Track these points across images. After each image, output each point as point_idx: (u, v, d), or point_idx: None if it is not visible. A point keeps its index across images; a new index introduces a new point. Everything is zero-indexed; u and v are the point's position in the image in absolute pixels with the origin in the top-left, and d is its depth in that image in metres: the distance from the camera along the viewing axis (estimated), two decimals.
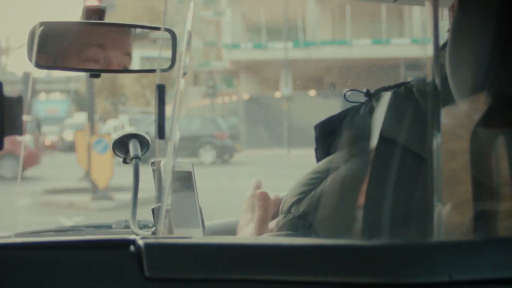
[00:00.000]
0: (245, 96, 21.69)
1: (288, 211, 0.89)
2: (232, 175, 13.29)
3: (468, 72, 0.73)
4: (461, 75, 0.74)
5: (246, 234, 1.05)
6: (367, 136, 0.84)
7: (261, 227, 1.01)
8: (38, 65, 1.28)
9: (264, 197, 1.02)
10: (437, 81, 0.64)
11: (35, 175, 13.08)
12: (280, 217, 0.90)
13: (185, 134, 15.49)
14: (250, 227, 1.05)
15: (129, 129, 1.44)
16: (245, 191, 1.13)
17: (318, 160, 0.96)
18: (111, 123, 22.62)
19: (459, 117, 0.75)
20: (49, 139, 22.48)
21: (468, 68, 0.73)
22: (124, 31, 1.36)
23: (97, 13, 1.31)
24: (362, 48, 21.08)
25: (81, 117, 25.22)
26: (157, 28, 1.39)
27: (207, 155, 16.60)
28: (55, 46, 1.30)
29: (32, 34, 1.25)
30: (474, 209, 0.74)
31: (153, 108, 0.72)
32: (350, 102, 0.95)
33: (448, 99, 0.74)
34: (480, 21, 0.73)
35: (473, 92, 0.72)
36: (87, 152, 9.48)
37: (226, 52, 24.09)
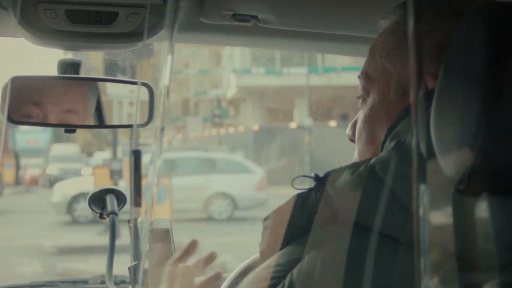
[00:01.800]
0: (255, 127, 21.71)
1: None
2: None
3: (453, 137, 0.78)
4: (445, 140, 0.79)
5: None
6: (325, 222, 0.91)
7: None
8: (10, 119, 1.44)
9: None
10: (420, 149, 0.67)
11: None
12: None
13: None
14: None
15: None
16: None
17: (264, 255, 0.99)
18: (99, 156, 22.58)
19: (441, 183, 0.80)
20: (29, 173, 22.06)
21: (453, 133, 0.78)
22: (73, 86, 1.51)
23: (72, 66, 1.47)
24: None
25: (66, 149, 25.30)
26: (134, 83, 1.55)
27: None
28: (24, 101, 1.46)
29: (4, 88, 1.42)
30: (460, 281, 0.81)
31: (146, 139, 0.80)
32: (297, 189, 0.98)
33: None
34: (465, 88, 0.78)
35: (459, 158, 0.77)
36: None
37: (235, 78, 24.32)
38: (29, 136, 25.74)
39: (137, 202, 0.76)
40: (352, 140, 1.10)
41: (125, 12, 1.25)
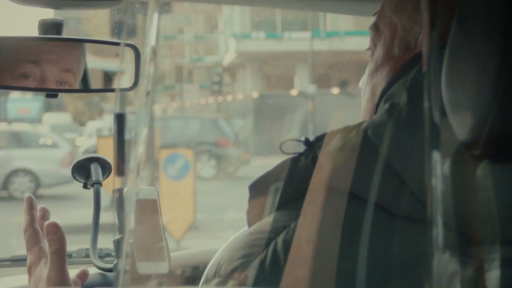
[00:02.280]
0: (254, 94, 21.65)
1: (228, 276, 0.90)
2: (239, 193, 12.87)
3: (468, 98, 0.76)
4: (459, 102, 0.77)
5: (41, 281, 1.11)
6: (313, 190, 0.88)
7: (58, 271, 1.09)
8: None
9: (57, 229, 1.09)
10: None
11: None
12: (214, 283, 0.92)
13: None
14: (43, 271, 1.11)
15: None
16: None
17: (251, 224, 0.97)
18: (92, 125, 22.54)
19: (452, 149, 0.78)
20: None
21: (468, 94, 0.76)
22: (69, 47, 1.48)
23: (53, 27, 1.43)
24: None
25: (58, 118, 25.30)
26: (117, 43, 1.51)
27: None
28: (19, 60, 1.43)
29: None
30: (472, 257, 0.79)
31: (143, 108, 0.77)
32: (286, 154, 0.97)
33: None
34: (481, 43, 0.75)
35: (474, 121, 0.75)
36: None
37: (234, 43, 24.21)
38: (20, 104, 25.72)
39: (120, 171, 0.73)
40: None
41: None
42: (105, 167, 1.52)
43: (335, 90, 19.83)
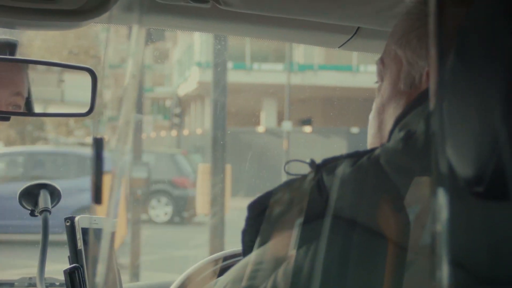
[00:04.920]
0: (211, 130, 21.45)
1: None
2: (194, 241, 12.18)
3: (471, 132, 0.77)
4: (462, 136, 0.78)
5: None
6: (317, 216, 0.91)
7: None
8: None
9: None
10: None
11: None
12: None
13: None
14: None
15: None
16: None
17: (245, 244, 1.00)
18: None
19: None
20: None
21: (471, 128, 0.77)
22: (19, 69, 1.57)
23: (7, 47, 1.51)
24: (371, 76, 21.37)
25: None
26: (77, 67, 1.58)
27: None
28: None
29: None
30: None
31: (87, 139, 0.77)
32: (290, 174, 0.99)
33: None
34: (483, 73, 0.76)
35: (477, 157, 0.76)
36: None
37: (198, 72, 24.30)
38: None
39: (97, 198, 0.73)
40: None
41: None
42: (54, 194, 1.58)
43: (307, 128, 19.94)
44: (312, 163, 0.97)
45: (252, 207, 0.99)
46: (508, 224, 0.81)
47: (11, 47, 1.51)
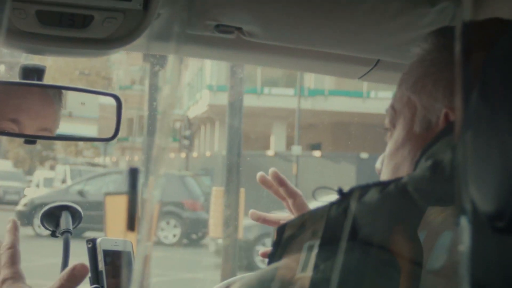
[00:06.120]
0: (225, 152, 21.52)
1: None
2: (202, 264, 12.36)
3: (493, 168, 0.78)
4: (484, 171, 0.79)
5: None
6: (343, 241, 0.92)
7: None
8: None
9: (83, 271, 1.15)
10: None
11: None
12: None
13: None
14: None
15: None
16: None
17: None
18: (39, 175, 22.26)
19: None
20: None
21: (493, 163, 0.78)
22: (49, 103, 1.61)
23: (35, 72, 1.55)
24: (381, 102, 21.42)
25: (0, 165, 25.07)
26: (105, 94, 1.61)
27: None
28: None
29: None
30: None
31: (96, 159, 0.78)
32: (318, 201, 1.06)
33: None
34: (505, 112, 0.78)
35: (498, 192, 0.78)
36: None
37: (208, 95, 24.40)
38: None
39: (131, 226, 0.76)
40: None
41: (101, 16, 1.29)
42: (75, 216, 1.61)
43: (317, 153, 19.95)
44: (340, 191, 0.99)
45: (280, 230, 1.01)
46: None
47: (39, 72, 1.54)
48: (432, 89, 1.05)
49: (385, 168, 1.13)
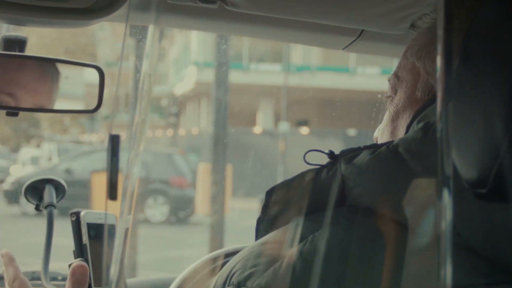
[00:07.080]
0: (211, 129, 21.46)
1: (241, 284, 0.95)
2: (190, 241, 12.22)
3: (474, 135, 0.78)
4: (465, 138, 0.80)
5: None
6: (335, 204, 0.95)
7: None
8: None
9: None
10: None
11: None
12: None
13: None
14: None
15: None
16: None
17: (259, 232, 1.04)
18: (26, 153, 22.20)
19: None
20: None
21: (474, 130, 0.78)
22: (46, 78, 1.60)
23: (17, 44, 1.53)
24: (368, 78, 21.39)
25: None
26: (88, 65, 1.60)
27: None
28: None
29: None
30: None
31: (83, 137, 0.77)
32: (310, 164, 1.04)
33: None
34: (487, 77, 0.78)
35: (481, 159, 0.78)
36: None
37: (195, 71, 24.30)
38: None
39: (112, 195, 0.75)
40: None
41: None
42: (59, 189, 1.61)
43: (304, 130, 19.95)
44: (331, 154, 1.02)
45: (269, 194, 1.03)
46: (509, 225, 0.84)
47: (20, 43, 1.53)
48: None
49: (383, 133, 1.15)
